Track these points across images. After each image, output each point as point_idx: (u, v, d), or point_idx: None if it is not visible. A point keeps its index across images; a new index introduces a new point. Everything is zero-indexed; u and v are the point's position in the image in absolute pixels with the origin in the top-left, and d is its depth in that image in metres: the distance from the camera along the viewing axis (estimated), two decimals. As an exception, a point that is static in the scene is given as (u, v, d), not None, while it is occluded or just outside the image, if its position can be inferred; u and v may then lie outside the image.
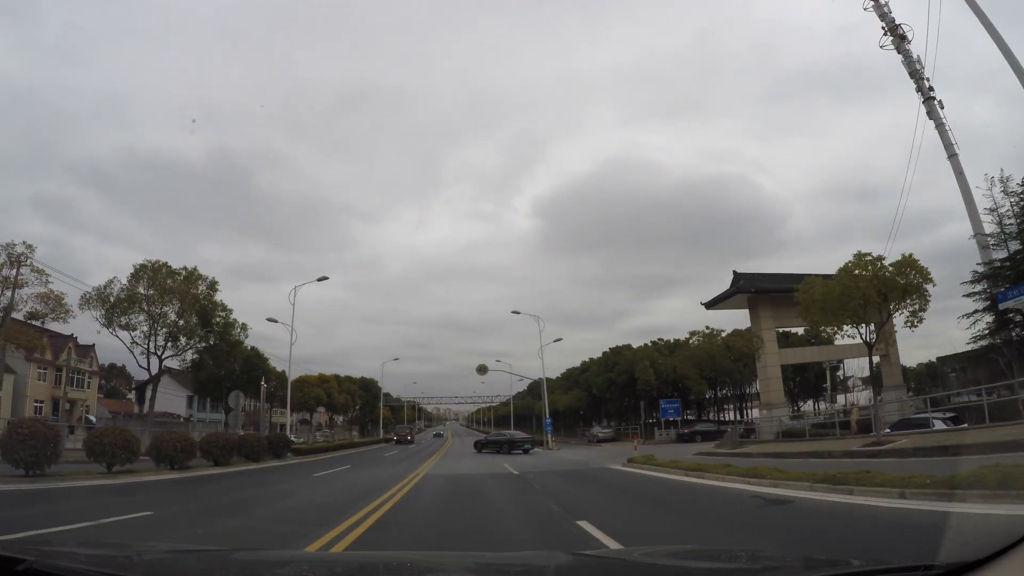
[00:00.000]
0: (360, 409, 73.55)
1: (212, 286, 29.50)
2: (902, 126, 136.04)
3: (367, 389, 69.12)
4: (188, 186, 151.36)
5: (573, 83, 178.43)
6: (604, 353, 52.26)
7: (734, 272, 34.21)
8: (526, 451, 32.56)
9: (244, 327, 30.75)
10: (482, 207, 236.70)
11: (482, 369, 43.26)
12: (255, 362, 36.81)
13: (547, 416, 41.60)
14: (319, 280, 34.65)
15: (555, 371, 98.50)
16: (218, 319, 30.08)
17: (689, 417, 52.64)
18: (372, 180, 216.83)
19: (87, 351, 56.30)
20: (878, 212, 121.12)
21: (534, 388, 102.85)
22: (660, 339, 52.08)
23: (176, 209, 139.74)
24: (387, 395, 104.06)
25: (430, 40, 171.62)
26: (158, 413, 59.74)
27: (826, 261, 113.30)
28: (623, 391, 47.87)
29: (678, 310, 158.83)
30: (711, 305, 36.01)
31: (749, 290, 32.91)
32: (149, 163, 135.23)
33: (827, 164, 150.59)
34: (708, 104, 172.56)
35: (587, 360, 61.77)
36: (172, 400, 60.54)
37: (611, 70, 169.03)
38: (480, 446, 35.27)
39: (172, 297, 27.73)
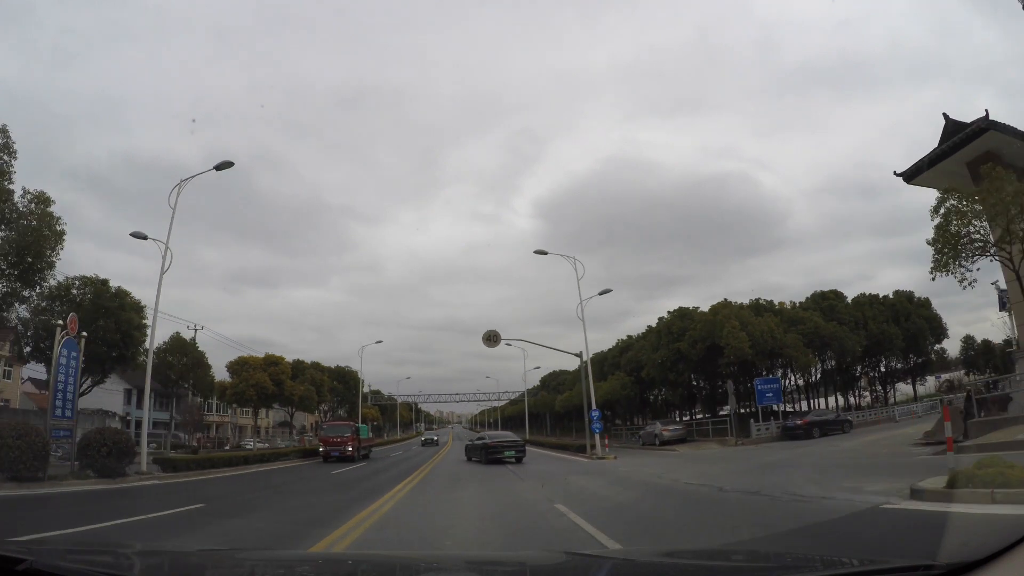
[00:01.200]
0: (338, 405, 59.03)
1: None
2: (902, 121, 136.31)
3: (343, 380, 54.30)
4: (187, 189, 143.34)
5: (572, 81, 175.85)
6: (660, 320, 37.46)
7: (945, 116, 19.37)
8: (518, 460, 22.17)
9: (57, 221, 16.69)
10: (482, 208, 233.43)
11: (492, 338, 28.86)
12: (110, 307, 22.06)
13: (594, 407, 27.09)
14: (219, 168, 20.40)
15: (568, 364, 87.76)
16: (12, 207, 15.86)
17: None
18: (371, 181, 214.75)
19: (6, 334, 44.15)
20: (881, 209, 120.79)
21: (548, 382, 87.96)
22: (726, 300, 37.30)
23: (176, 212, 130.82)
24: (377, 392, 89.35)
25: (427, 39, 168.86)
26: (93, 411, 46.67)
27: (831, 258, 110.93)
28: (698, 369, 33.40)
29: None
30: (913, 175, 20.90)
31: (983, 131, 17.65)
32: (147, 167, 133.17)
33: (829, 160, 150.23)
34: (709, 100, 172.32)
35: (625, 338, 47.36)
36: (107, 395, 48.30)
37: (610, 67, 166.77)
38: (468, 453, 25.66)
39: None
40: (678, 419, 39.06)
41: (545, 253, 29.78)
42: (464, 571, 2.72)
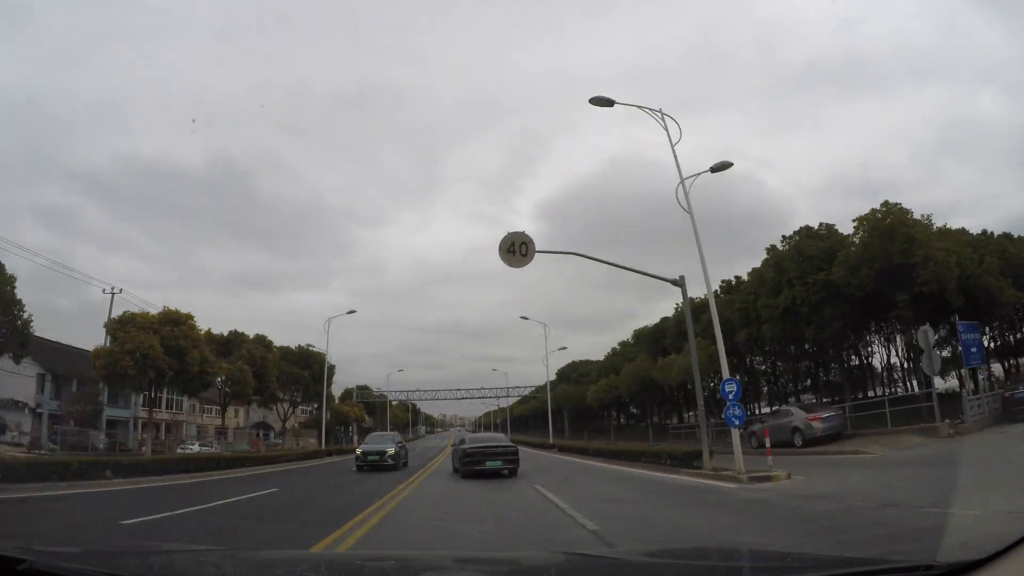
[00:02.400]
0: (302, 398, 45.71)
1: None
2: (905, 121, 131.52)
3: (306, 365, 40.90)
4: (188, 192, 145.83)
5: (574, 80, 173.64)
6: (772, 250, 23.42)
7: None
8: (512, 471, 16.08)
9: None
10: (485, 209, 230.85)
11: (517, 249, 15.53)
12: None
13: (726, 374, 14.29)
14: None
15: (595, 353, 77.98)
16: None
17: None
18: (373, 182, 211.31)
19: None
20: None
21: (568, 373, 73.45)
22: (886, 201, 22.94)
23: (176, 215, 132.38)
24: (364, 388, 75.67)
25: (428, 38, 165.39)
26: (3, 400, 36.89)
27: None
28: (863, 309, 19.90)
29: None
30: None
31: None
32: (148, 169, 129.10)
33: (831, 160, 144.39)
34: (711, 100, 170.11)
35: (696, 299, 34.22)
36: (15, 381, 37.70)
37: (612, 66, 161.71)
38: (454, 462, 18.84)
39: None
40: (821, 400, 25.68)
41: (611, 104, 16.73)
42: (462, 571, 2.67)
